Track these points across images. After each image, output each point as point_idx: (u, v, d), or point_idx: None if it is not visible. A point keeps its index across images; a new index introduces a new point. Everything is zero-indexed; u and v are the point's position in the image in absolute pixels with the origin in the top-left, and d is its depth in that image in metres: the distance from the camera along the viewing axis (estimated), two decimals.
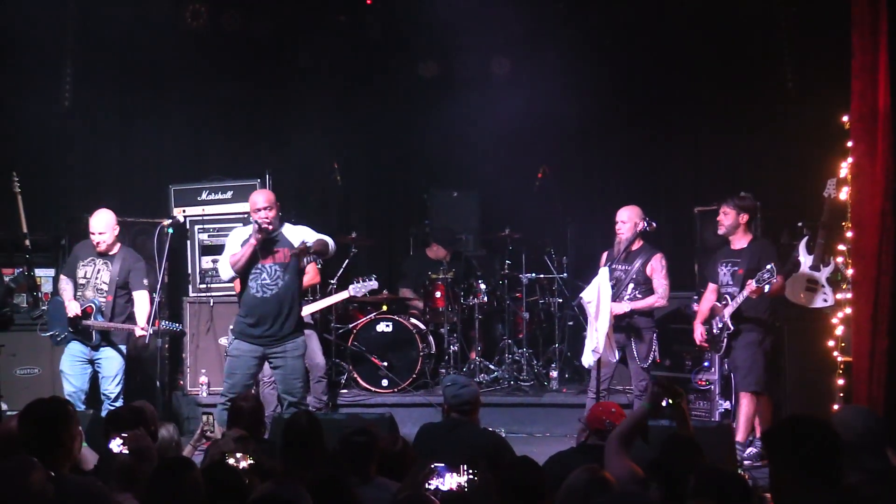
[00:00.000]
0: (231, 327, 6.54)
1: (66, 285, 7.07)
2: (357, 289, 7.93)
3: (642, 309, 6.96)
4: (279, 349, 6.31)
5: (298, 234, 6.34)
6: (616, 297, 6.85)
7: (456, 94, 9.54)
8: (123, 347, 7.11)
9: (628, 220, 6.95)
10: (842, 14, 5.61)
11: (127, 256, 7.15)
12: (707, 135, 9.46)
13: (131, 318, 7.05)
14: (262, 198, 6.25)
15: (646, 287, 6.97)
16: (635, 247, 7.01)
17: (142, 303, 7.07)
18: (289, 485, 3.66)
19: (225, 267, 6.35)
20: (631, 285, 6.93)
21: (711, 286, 7.01)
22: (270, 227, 6.17)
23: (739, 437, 6.50)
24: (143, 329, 6.91)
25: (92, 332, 6.92)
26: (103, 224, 6.99)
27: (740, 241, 6.82)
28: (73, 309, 6.90)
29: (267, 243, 6.21)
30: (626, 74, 9.51)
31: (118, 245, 7.13)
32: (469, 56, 9.79)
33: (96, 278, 7.01)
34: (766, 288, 6.32)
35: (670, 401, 4.34)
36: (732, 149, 9.24)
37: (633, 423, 4.23)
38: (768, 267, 6.32)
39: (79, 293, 7.01)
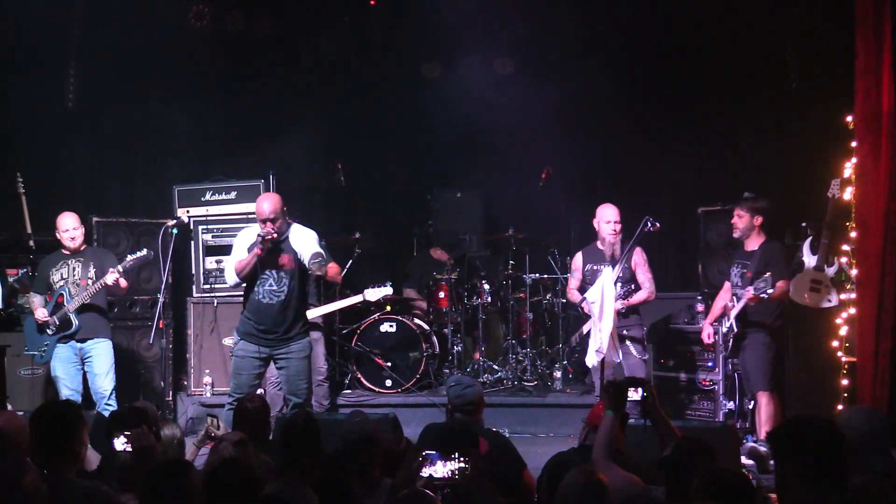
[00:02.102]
0: (237, 327, 6.54)
1: (34, 297, 7.11)
2: (372, 293, 7.94)
3: (635, 304, 6.92)
4: (284, 350, 6.30)
5: (304, 240, 6.28)
6: None
7: (459, 94, 9.54)
8: (111, 343, 7.13)
9: (620, 219, 6.92)
10: (846, 14, 5.61)
11: (97, 251, 7.36)
12: (711, 135, 9.45)
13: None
14: (268, 206, 6.12)
15: (631, 284, 6.94)
16: (618, 245, 6.97)
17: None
18: (294, 485, 3.66)
19: (230, 273, 6.35)
20: (618, 284, 6.84)
21: (727, 285, 7.01)
22: (275, 236, 6.12)
23: (762, 436, 6.50)
24: (110, 272, 6.86)
25: (71, 318, 6.92)
26: (77, 221, 7.11)
27: (753, 243, 6.81)
28: (40, 315, 6.94)
29: (272, 250, 6.17)
30: (630, 75, 9.50)
31: (84, 244, 7.21)
32: (472, 56, 9.81)
33: (73, 275, 7.02)
34: (764, 296, 6.30)
35: (645, 394, 4.35)
36: (736, 149, 9.23)
37: (607, 437, 4.22)
38: (765, 276, 6.31)
39: (54, 293, 7.01)
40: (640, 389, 4.43)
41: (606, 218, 6.96)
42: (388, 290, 7.99)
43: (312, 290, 7.97)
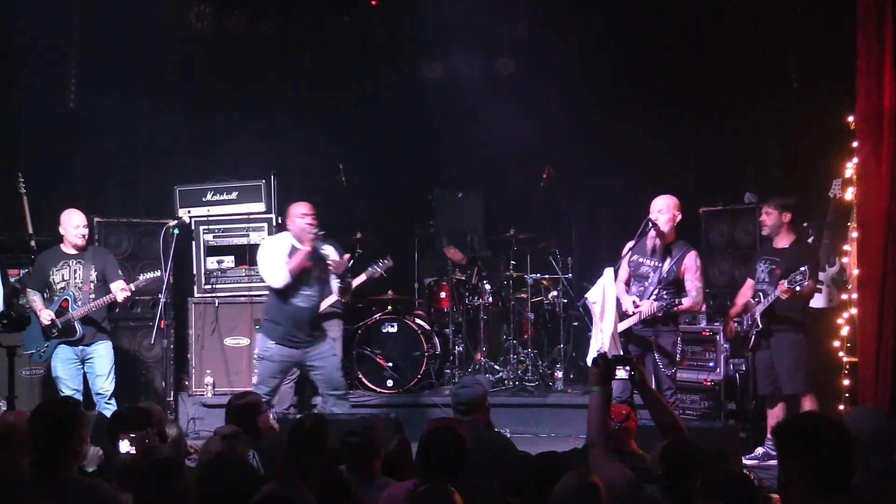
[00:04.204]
0: (266, 332, 6.62)
1: (34, 296, 7.04)
2: (372, 270, 7.70)
3: (678, 313, 6.48)
4: (316, 351, 6.60)
5: (328, 252, 6.69)
6: (640, 296, 6.42)
7: (460, 94, 9.55)
8: (111, 344, 7.12)
9: (667, 209, 6.41)
10: (847, 14, 5.61)
11: (98, 251, 7.28)
12: (712, 135, 9.44)
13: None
14: (305, 206, 6.53)
15: (674, 288, 6.39)
16: (669, 241, 6.46)
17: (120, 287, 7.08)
18: (291, 484, 3.64)
19: (281, 273, 6.44)
20: (659, 284, 6.40)
21: (749, 282, 6.86)
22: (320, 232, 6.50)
23: None
24: (122, 290, 6.88)
25: (75, 326, 6.91)
26: (85, 218, 7.09)
27: (783, 241, 6.65)
28: (45, 317, 6.88)
29: (315, 257, 6.48)
30: (631, 74, 9.50)
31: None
32: (473, 56, 9.82)
33: (75, 278, 7.00)
34: (797, 289, 6.17)
35: (633, 372, 4.29)
36: (737, 149, 9.23)
37: (599, 418, 4.07)
38: (801, 269, 6.15)
39: (57, 297, 6.97)
40: (627, 367, 4.37)
41: (651, 207, 6.53)
42: (388, 263, 7.79)
43: None
